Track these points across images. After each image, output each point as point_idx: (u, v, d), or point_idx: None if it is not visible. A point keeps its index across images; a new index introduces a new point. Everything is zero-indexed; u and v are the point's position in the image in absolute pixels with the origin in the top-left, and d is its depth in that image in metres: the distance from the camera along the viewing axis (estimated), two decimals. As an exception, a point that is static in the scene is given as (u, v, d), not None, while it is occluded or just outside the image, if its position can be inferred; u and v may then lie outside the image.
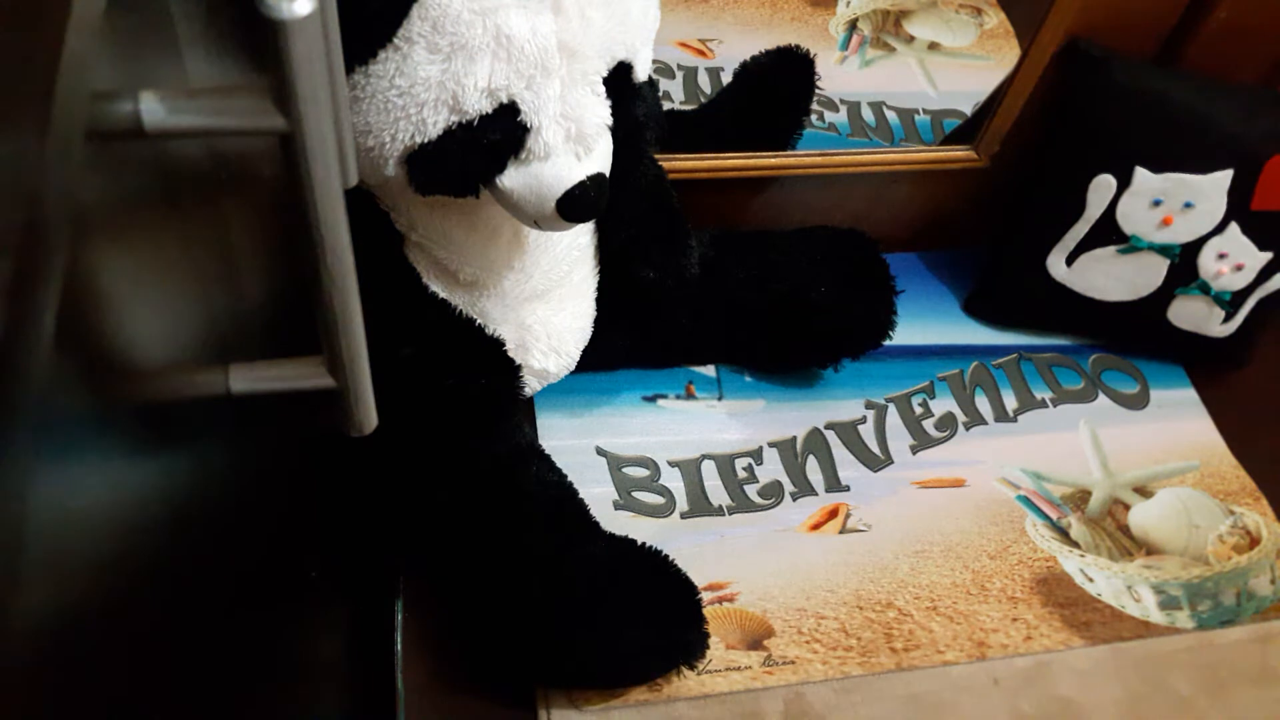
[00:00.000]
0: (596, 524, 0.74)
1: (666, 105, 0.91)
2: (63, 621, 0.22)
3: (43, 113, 0.20)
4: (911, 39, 0.99)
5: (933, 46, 0.99)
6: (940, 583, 0.80)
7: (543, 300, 0.74)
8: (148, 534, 0.29)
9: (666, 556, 0.72)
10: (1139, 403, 0.95)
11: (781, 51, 0.89)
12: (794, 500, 0.84)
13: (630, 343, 0.86)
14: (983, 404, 0.92)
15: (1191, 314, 0.92)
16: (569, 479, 0.75)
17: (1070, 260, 0.91)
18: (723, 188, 0.91)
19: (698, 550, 0.79)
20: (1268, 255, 0.88)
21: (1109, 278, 0.91)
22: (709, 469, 0.84)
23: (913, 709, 0.73)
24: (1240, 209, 0.86)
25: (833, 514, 0.83)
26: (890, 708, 0.73)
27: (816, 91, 0.91)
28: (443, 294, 0.70)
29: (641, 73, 0.63)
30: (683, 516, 0.82)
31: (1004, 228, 0.96)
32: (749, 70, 0.89)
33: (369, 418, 0.37)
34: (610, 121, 0.61)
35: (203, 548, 0.34)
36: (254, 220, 0.44)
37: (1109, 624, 0.80)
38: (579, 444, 0.84)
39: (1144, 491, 0.88)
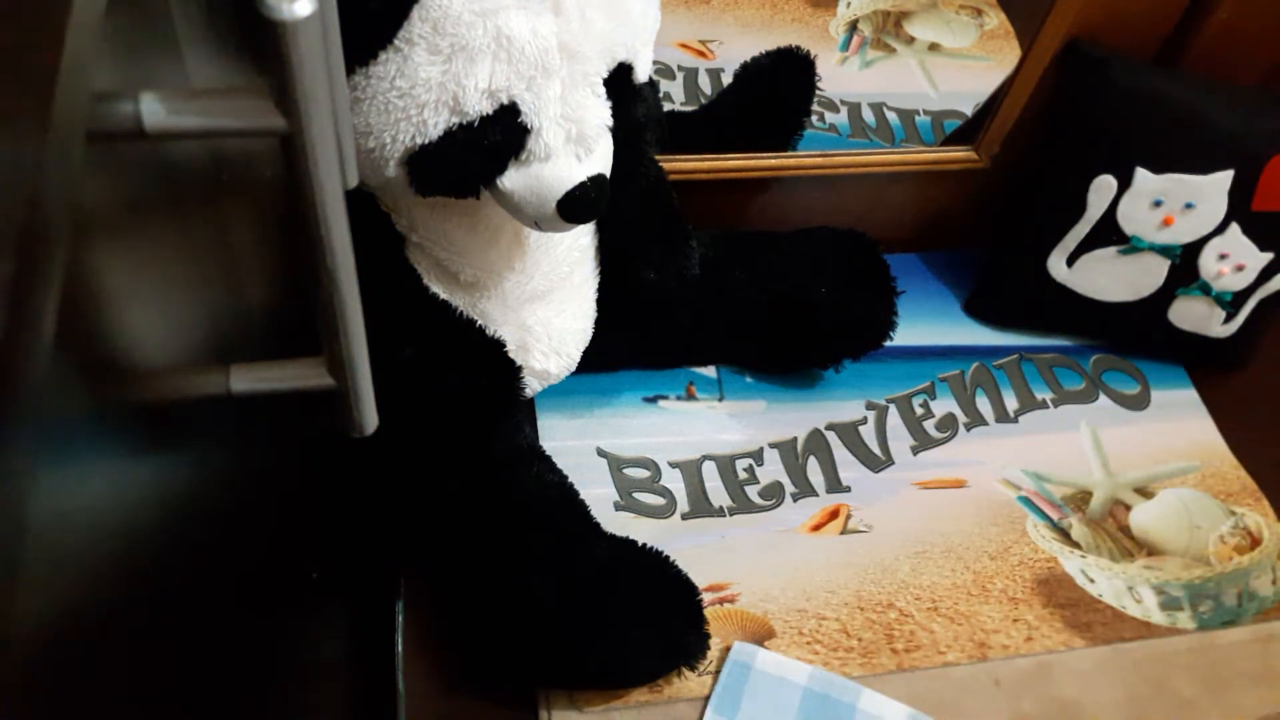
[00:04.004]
0: (597, 525, 0.74)
1: (667, 106, 0.91)
2: (63, 622, 0.22)
3: (43, 113, 0.20)
4: (912, 40, 0.99)
5: (933, 47, 0.99)
6: (941, 583, 0.80)
7: (543, 301, 0.74)
8: (148, 534, 0.29)
9: (667, 557, 0.72)
10: (1140, 403, 0.95)
11: (782, 53, 0.89)
12: (795, 501, 0.84)
13: (631, 344, 0.86)
14: (983, 405, 0.92)
15: (1192, 314, 0.92)
16: (570, 480, 0.75)
17: (1071, 261, 0.91)
18: (723, 189, 0.91)
19: (698, 551, 0.79)
20: (1268, 256, 0.88)
21: (1110, 278, 0.91)
22: (710, 470, 0.84)
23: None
24: (1241, 209, 0.86)
25: (834, 515, 0.83)
26: (891, 709, 0.73)
27: (817, 92, 0.91)
28: (443, 295, 0.70)
29: (642, 74, 0.63)
30: (683, 517, 0.81)
31: (1004, 228, 0.96)
32: (749, 71, 0.90)
33: (369, 418, 0.37)
34: (611, 122, 0.61)
35: (203, 548, 0.34)
36: (255, 221, 0.44)
37: (1110, 625, 0.80)
38: (580, 445, 0.84)
39: (1145, 492, 0.88)
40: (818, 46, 0.90)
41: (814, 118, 0.93)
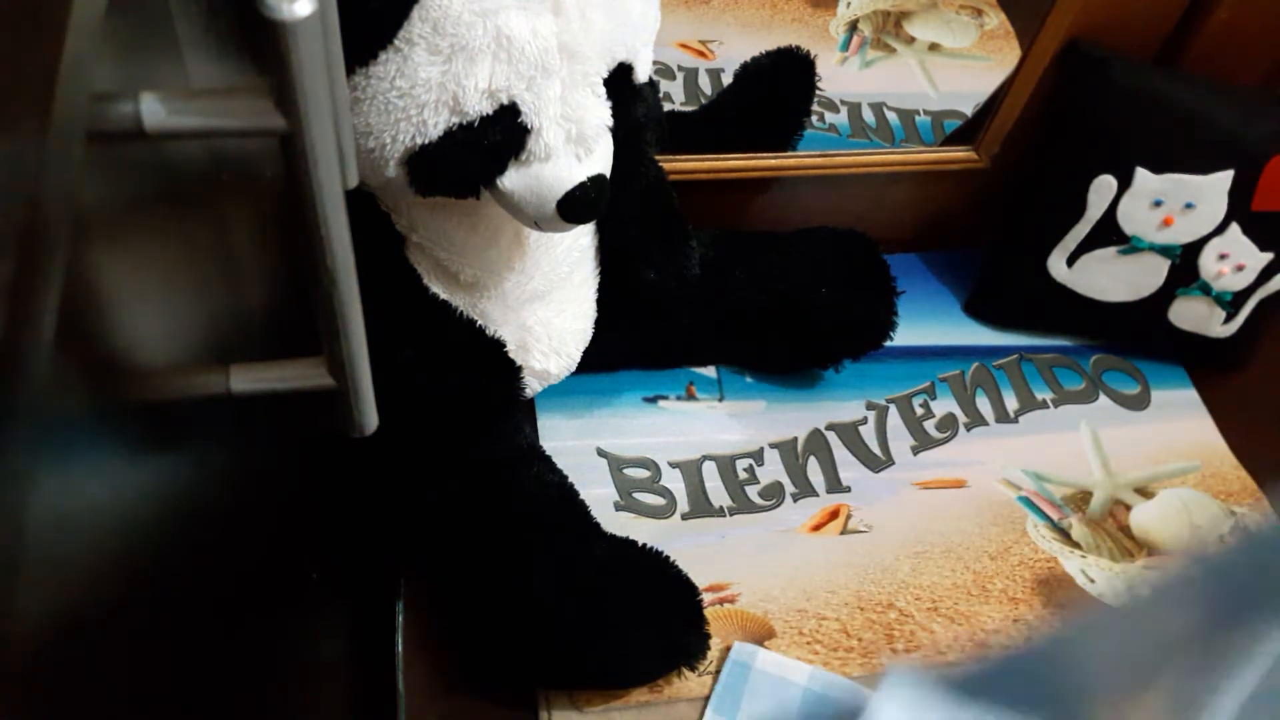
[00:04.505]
0: (597, 525, 0.74)
1: (667, 106, 0.91)
2: (62, 622, 0.22)
3: (43, 113, 0.20)
4: (912, 40, 0.99)
5: (933, 47, 0.99)
6: (941, 584, 0.80)
7: (543, 301, 0.74)
8: (148, 535, 0.29)
9: (667, 557, 0.72)
10: (1140, 403, 0.95)
11: (782, 53, 0.89)
12: (795, 501, 0.84)
13: (631, 344, 0.86)
14: (983, 405, 0.92)
15: (1192, 314, 0.92)
16: (570, 480, 0.75)
17: (1071, 261, 0.91)
18: (723, 189, 0.91)
19: (699, 551, 0.79)
20: (1269, 256, 0.88)
21: (1110, 278, 0.91)
22: (710, 470, 0.84)
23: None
24: (1241, 210, 0.86)
25: (834, 515, 0.83)
26: (891, 709, 0.73)
27: (817, 92, 0.91)
28: (443, 295, 0.70)
29: (642, 74, 0.63)
30: (684, 517, 0.81)
31: (1005, 228, 0.96)
32: (749, 71, 0.90)
33: (369, 419, 0.37)
34: (611, 122, 0.61)
35: (203, 548, 0.34)
36: (255, 221, 0.44)
37: (1110, 625, 0.80)
38: (580, 445, 0.84)
39: (1145, 492, 0.88)
40: (818, 46, 0.90)
41: (814, 118, 0.93)
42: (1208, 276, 0.89)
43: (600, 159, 0.61)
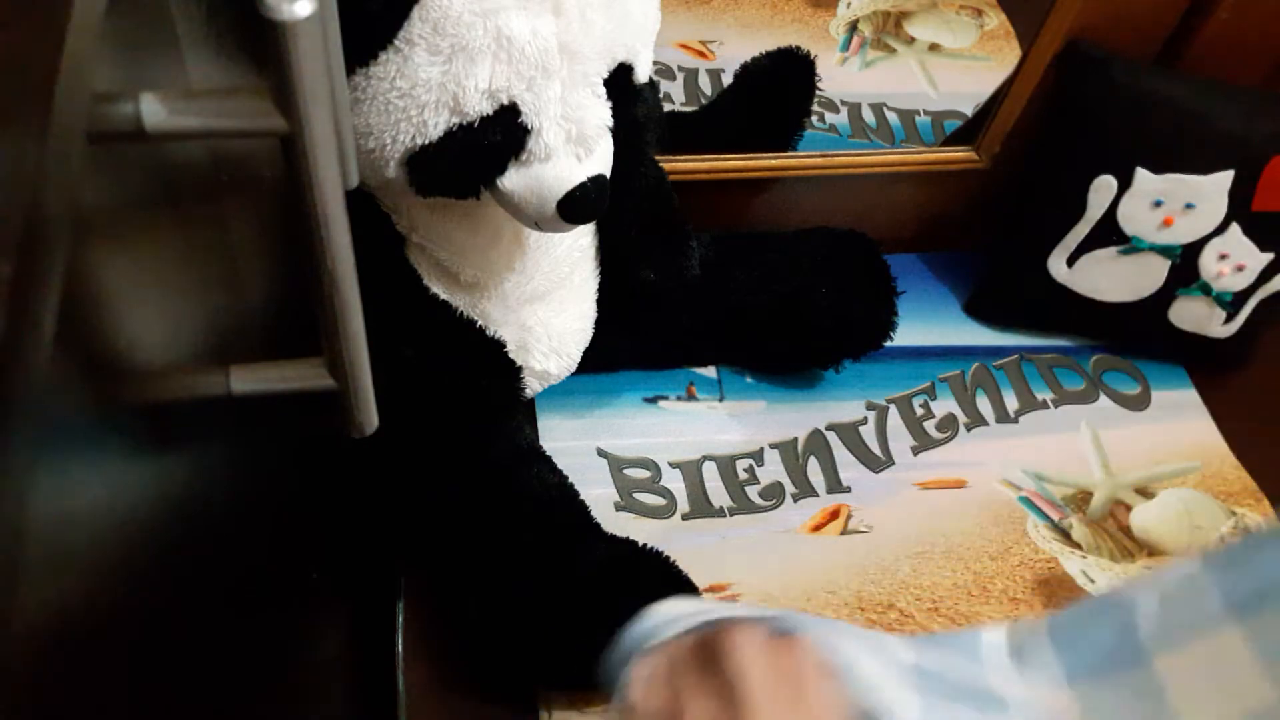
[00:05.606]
0: (598, 525, 0.74)
1: (667, 107, 0.91)
2: (62, 622, 0.22)
3: (43, 114, 0.20)
4: (912, 40, 0.99)
5: (933, 48, 0.99)
6: (942, 584, 0.80)
7: (543, 302, 0.74)
8: (148, 535, 0.29)
9: (668, 558, 0.72)
10: (1140, 404, 0.95)
11: (782, 53, 0.89)
12: (795, 501, 0.84)
13: (631, 344, 0.86)
14: (984, 405, 0.92)
15: (1193, 315, 0.92)
16: (570, 480, 0.75)
17: (1071, 261, 0.91)
18: (723, 189, 0.91)
19: (699, 551, 0.79)
20: (1269, 256, 0.88)
21: (1110, 279, 0.91)
22: (710, 470, 0.84)
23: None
24: (1241, 210, 0.86)
25: (834, 515, 0.83)
26: (891, 709, 0.73)
27: (817, 93, 0.91)
28: (444, 295, 0.70)
29: (642, 74, 0.63)
30: (684, 518, 0.81)
31: (1005, 229, 0.96)
32: (750, 72, 0.90)
33: (370, 419, 0.37)
34: (611, 123, 0.61)
35: (204, 548, 0.34)
36: (255, 221, 0.44)
37: (1110, 625, 0.80)
38: (580, 445, 0.84)
39: (1145, 492, 0.88)
40: (818, 46, 0.90)
41: (814, 118, 0.93)
42: (1208, 277, 0.89)
43: (600, 159, 0.61)
